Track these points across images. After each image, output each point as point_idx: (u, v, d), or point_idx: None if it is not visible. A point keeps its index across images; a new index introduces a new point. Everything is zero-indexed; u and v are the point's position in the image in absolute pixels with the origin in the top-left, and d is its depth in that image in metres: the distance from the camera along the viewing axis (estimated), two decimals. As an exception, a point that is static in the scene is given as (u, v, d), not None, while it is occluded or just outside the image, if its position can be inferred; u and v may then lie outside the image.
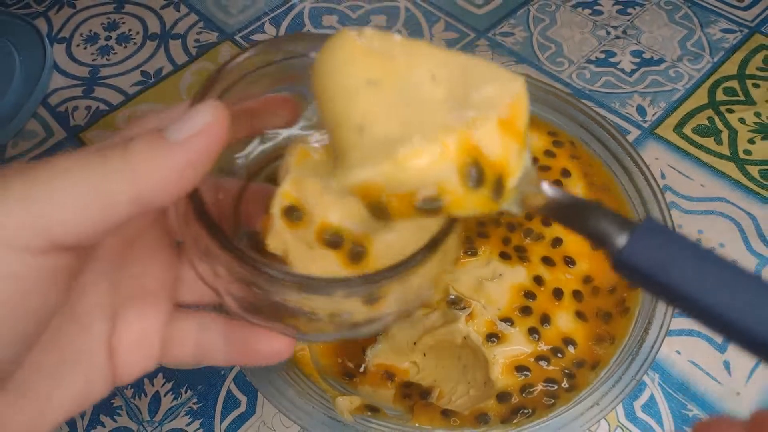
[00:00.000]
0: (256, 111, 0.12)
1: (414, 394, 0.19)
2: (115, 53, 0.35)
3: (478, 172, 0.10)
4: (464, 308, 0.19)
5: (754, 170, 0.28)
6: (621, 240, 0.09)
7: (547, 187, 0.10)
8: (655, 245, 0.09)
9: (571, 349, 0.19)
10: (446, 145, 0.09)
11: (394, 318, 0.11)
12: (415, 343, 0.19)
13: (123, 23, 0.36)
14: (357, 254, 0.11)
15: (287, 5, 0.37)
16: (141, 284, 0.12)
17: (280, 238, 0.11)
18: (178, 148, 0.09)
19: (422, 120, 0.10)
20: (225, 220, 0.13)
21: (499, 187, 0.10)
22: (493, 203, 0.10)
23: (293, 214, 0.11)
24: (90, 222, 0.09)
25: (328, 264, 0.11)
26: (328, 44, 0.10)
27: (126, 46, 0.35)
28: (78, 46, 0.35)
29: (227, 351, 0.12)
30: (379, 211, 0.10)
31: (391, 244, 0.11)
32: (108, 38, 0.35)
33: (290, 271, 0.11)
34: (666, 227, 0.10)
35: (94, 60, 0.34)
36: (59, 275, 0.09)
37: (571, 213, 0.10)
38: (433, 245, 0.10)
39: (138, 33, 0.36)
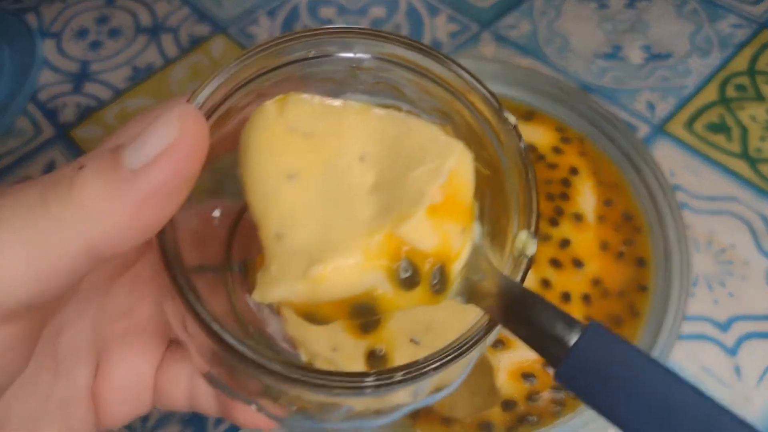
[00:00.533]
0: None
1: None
2: (105, 48, 0.34)
3: (411, 272, 0.09)
4: (468, 313, 0.18)
5: (765, 169, 0.27)
6: (569, 345, 0.08)
7: (498, 274, 0.09)
8: (598, 358, 0.08)
9: (579, 355, 0.19)
10: (369, 252, 0.08)
11: (411, 409, 0.10)
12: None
13: (114, 17, 0.35)
14: (368, 323, 0.10)
15: (284, -2, 0.36)
16: (128, 321, 0.10)
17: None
18: (133, 180, 0.07)
19: (345, 220, 0.09)
20: (217, 248, 0.11)
21: (441, 277, 0.09)
22: (435, 297, 0.09)
23: None
24: (39, 283, 0.07)
25: (330, 328, 0.09)
26: (248, 124, 0.09)
27: (117, 41, 0.34)
28: (68, 40, 0.34)
29: (217, 406, 0.11)
30: (311, 317, 0.09)
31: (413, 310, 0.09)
32: (99, 33, 0.34)
33: (278, 357, 0.09)
34: (611, 334, 0.08)
35: (84, 55, 0.34)
36: (17, 342, 0.08)
37: (519, 308, 0.09)
38: (468, 345, 0.09)
39: (129, 27, 0.35)
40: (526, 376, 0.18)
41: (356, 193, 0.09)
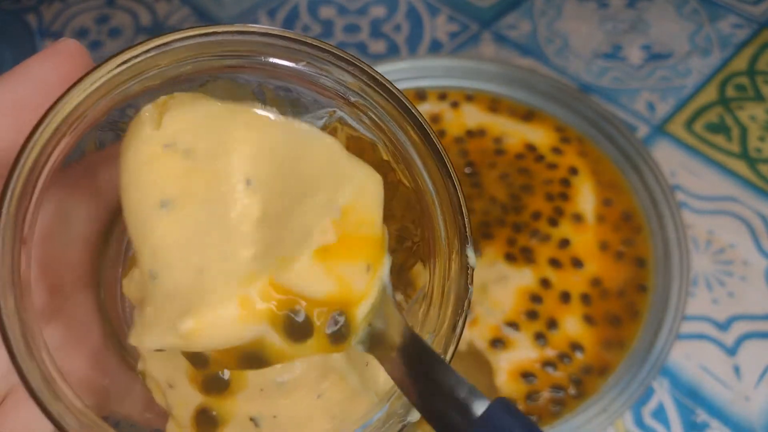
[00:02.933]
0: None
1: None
2: (105, 48, 0.34)
3: (301, 321, 0.08)
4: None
5: (765, 168, 0.27)
6: (474, 416, 0.07)
7: (402, 322, 0.08)
8: None
9: (578, 354, 0.19)
10: (246, 302, 0.07)
11: None
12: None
13: (114, 17, 0.35)
14: (217, 381, 0.08)
15: (284, -2, 0.36)
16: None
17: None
18: None
19: (223, 261, 0.07)
20: (85, 263, 0.09)
21: (342, 324, 0.08)
22: (334, 346, 0.08)
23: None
24: None
25: (173, 364, 0.08)
26: (125, 138, 0.08)
27: (117, 41, 0.34)
28: (68, 39, 0.34)
29: None
30: (195, 360, 0.08)
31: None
32: (99, 33, 0.34)
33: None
34: (518, 411, 0.07)
35: (84, 54, 0.34)
36: None
37: (420, 367, 0.08)
38: None
39: (129, 27, 0.35)
40: (526, 375, 0.18)
41: (238, 227, 0.07)
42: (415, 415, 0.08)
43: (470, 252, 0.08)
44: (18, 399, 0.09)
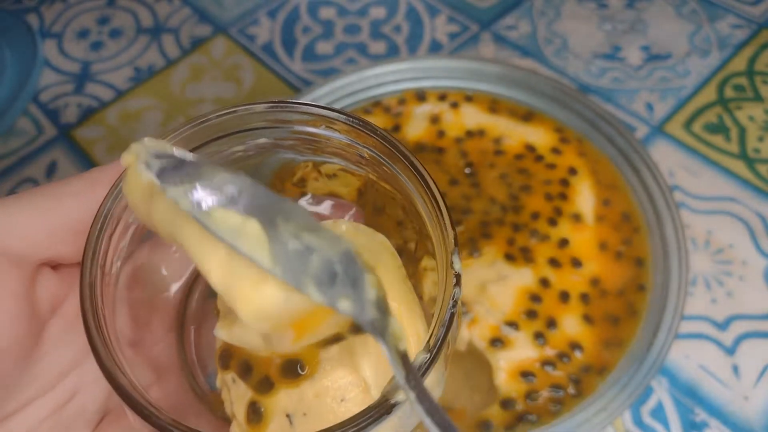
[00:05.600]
0: None
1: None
2: (107, 48, 0.34)
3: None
4: (467, 312, 0.19)
5: (763, 169, 0.28)
6: None
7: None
8: None
9: (577, 353, 0.19)
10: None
11: None
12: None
13: (115, 18, 0.35)
14: (264, 382, 0.10)
15: (284, -2, 0.36)
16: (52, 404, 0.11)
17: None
18: None
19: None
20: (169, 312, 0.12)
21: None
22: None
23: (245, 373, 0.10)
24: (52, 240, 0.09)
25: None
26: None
27: (118, 41, 0.34)
28: (69, 41, 0.34)
29: None
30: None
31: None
32: (100, 33, 0.35)
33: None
34: None
35: (85, 55, 0.34)
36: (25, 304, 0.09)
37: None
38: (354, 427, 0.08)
39: (130, 27, 0.35)
40: (525, 375, 0.18)
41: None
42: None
43: (456, 259, 0.10)
44: (111, 420, 0.11)
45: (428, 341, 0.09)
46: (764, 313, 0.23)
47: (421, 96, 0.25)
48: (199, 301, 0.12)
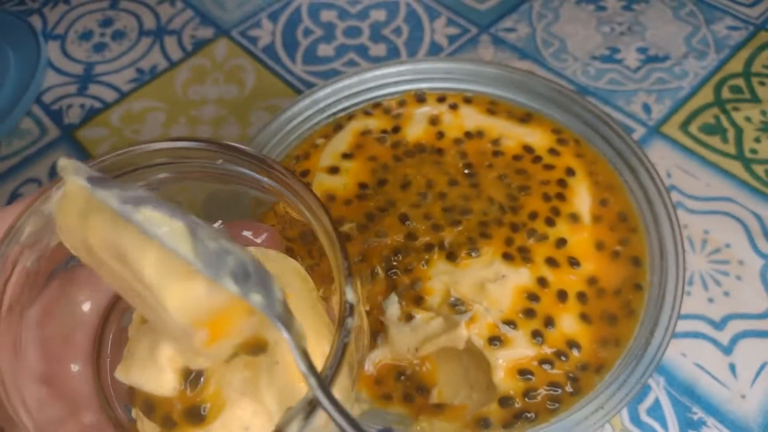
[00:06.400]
0: None
1: (414, 394, 0.19)
2: (109, 50, 0.34)
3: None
4: (466, 311, 0.19)
5: (760, 169, 0.28)
6: None
7: None
8: None
9: (575, 352, 0.19)
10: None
11: None
12: (417, 349, 0.19)
13: (118, 20, 0.36)
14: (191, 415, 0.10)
15: (285, 0, 0.36)
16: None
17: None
18: None
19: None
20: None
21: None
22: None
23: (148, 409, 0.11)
24: None
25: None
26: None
27: (121, 43, 0.34)
28: (72, 43, 0.35)
29: None
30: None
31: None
32: (103, 35, 0.35)
33: None
34: None
35: (88, 57, 0.34)
36: None
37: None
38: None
39: (133, 29, 0.35)
40: (523, 373, 0.18)
41: None
42: None
43: (349, 288, 0.10)
44: None
45: (320, 373, 0.09)
46: (761, 312, 0.24)
47: (420, 98, 0.26)
48: (116, 332, 0.13)
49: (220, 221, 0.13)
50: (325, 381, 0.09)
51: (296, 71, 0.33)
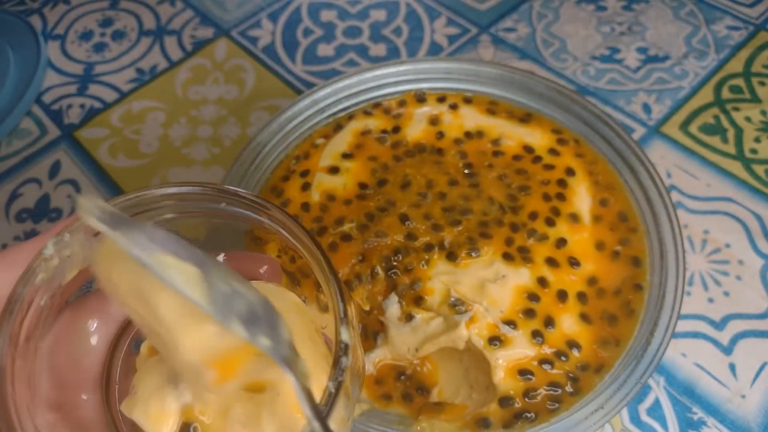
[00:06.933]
0: None
1: (414, 394, 0.19)
2: (109, 50, 0.34)
3: None
4: (466, 311, 0.19)
5: (760, 169, 0.28)
6: None
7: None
8: None
9: (575, 352, 0.19)
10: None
11: None
12: (417, 350, 0.19)
13: (118, 20, 0.36)
14: None
15: (285, 0, 0.36)
16: None
17: None
18: None
19: None
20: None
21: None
22: None
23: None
24: None
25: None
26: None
27: (121, 43, 0.34)
28: (72, 43, 0.35)
29: None
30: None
31: None
32: (102, 35, 0.35)
33: None
34: None
35: (88, 57, 0.34)
36: None
37: None
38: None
39: (133, 29, 0.35)
40: (523, 373, 0.18)
41: None
42: None
43: (344, 329, 0.11)
44: None
45: (316, 410, 0.10)
46: (761, 312, 0.24)
47: (420, 98, 0.26)
48: (125, 357, 0.14)
49: (222, 254, 0.14)
50: (324, 418, 0.10)
51: (296, 71, 0.33)
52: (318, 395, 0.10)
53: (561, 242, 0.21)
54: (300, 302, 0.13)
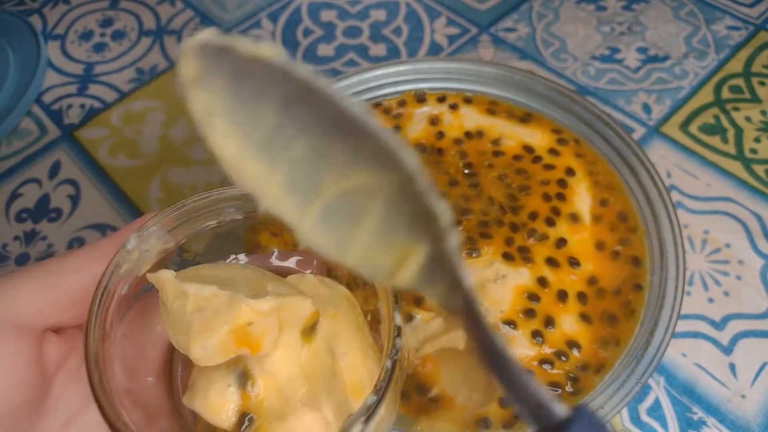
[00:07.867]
0: None
1: (414, 394, 0.19)
2: (109, 50, 0.34)
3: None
4: (466, 311, 0.19)
5: (760, 169, 0.28)
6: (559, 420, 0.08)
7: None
8: None
9: (575, 352, 0.19)
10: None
11: None
12: (417, 350, 0.19)
13: (118, 19, 0.36)
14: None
15: (285, 0, 0.36)
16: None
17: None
18: None
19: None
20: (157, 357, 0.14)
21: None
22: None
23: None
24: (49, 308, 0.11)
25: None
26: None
27: (121, 43, 0.34)
28: (72, 43, 0.35)
29: None
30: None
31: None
32: (103, 35, 0.35)
33: None
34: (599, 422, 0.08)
35: (88, 57, 0.34)
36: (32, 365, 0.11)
37: (504, 366, 0.09)
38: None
39: (133, 29, 0.35)
40: (523, 373, 0.18)
41: None
42: None
43: (396, 314, 0.12)
44: None
45: (375, 385, 0.11)
46: (761, 312, 0.24)
47: (420, 98, 0.26)
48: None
49: (275, 252, 0.15)
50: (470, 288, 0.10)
51: (296, 71, 0.32)
52: (367, 380, 0.11)
53: (561, 242, 0.21)
54: (350, 294, 0.14)
